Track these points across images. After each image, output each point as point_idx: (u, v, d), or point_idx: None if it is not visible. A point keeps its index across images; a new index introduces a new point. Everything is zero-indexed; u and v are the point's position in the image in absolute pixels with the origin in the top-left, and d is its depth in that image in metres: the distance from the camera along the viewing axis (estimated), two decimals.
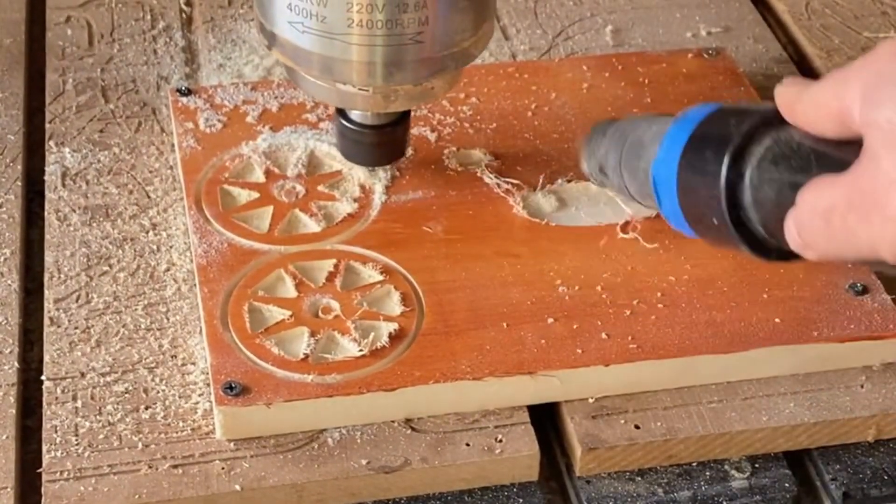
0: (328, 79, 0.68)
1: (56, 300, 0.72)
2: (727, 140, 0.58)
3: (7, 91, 0.87)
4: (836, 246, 0.53)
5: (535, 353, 0.68)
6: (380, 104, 0.69)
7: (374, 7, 0.64)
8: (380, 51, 0.65)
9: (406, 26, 0.64)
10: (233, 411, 0.64)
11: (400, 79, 0.67)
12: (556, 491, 0.68)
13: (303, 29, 0.65)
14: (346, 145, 0.74)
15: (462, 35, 0.67)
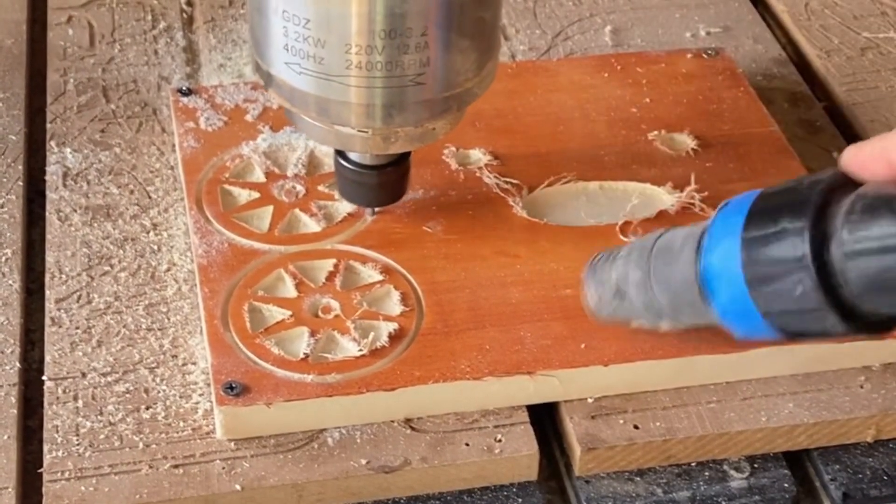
0: (326, 120, 0.66)
1: (57, 300, 0.72)
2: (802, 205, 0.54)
3: (8, 91, 0.87)
4: None
5: (534, 353, 0.68)
6: (379, 146, 0.67)
7: (374, 49, 0.61)
8: (379, 93, 0.63)
9: (406, 68, 0.62)
10: (233, 411, 0.64)
11: (400, 121, 0.65)
12: (556, 491, 0.68)
13: (300, 70, 0.63)
14: (344, 185, 0.72)
15: (465, 76, 0.65)
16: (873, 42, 0.95)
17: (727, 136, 0.81)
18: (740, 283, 0.57)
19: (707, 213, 0.75)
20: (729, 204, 0.59)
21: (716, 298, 0.59)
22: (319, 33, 0.61)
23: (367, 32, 0.61)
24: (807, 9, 0.99)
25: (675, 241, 0.62)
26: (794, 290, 0.54)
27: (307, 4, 0.61)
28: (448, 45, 0.63)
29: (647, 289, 0.63)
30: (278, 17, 0.62)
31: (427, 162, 0.78)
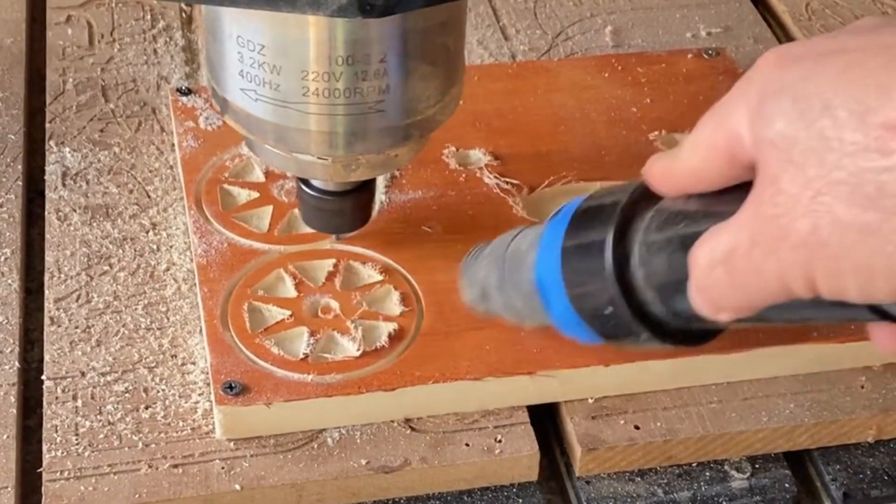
0: (285, 148, 0.63)
1: (56, 300, 0.72)
2: (606, 221, 0.55)
3: (7, 91, 0.87)
4: (744, 294, 0.47)
5: (534, 353, 0.67)
6: (340, 174, 0.65)
7: (331, 75, 0.59)
8: (338, 120, 0.61)
9: (366, 95, 0.60)
10: (233, 411, 0.64)
11: (361, 148, 0.62)
12: (556, 491, 0.68)
13: (255, 97, 0.61)
14: (307, 212, 0.70)
15: (427, 103, 0.62)
16: None
17: None
18: (565, 297, 0.58)
19: None
20: (560, 211, 0.60)
21: (551, 309, 0.60)
22: (275, 59, 0.59)
23: (323, 59, 0.59)
24: (807, 9, 0.99)
25: (522, 245, 0.62)
26: (606, 306, 0.55)
27: (262, 30, 0.59)
28: (408, 71, 0.60)
29: (505, 292, 0.63)
30: (233, 42, 0.60)
31: (427, 162, 0.78)
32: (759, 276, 0.46)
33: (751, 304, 0.48)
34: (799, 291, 0.45)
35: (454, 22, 0.62)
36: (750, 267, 0.46)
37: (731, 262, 0.47)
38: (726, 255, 0.47)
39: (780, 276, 0.45)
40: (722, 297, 0.49)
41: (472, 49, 0.92)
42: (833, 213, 0.42)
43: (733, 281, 0.47)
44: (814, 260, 0.44)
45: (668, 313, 0.55)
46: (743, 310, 0.49)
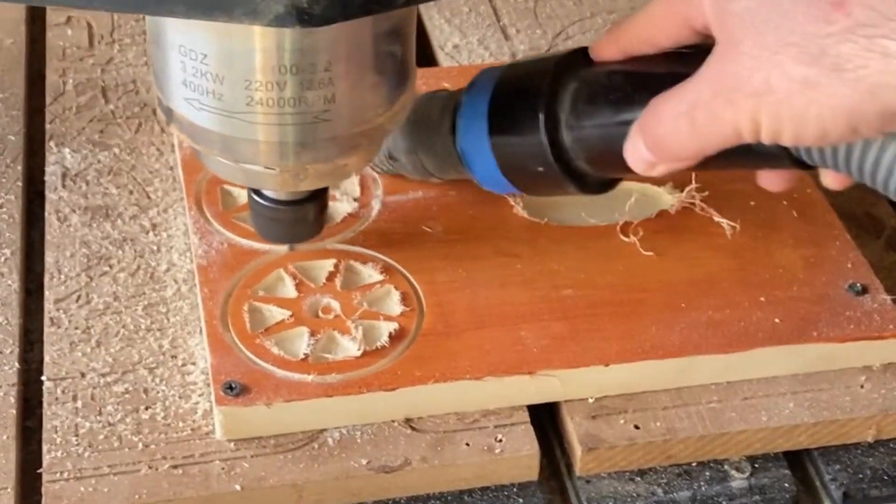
0: (231, 159, 0.62)
1: (56, 300, 0.72)
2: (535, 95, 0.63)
3: (7, 91, 0.87)
4: (700, 142, 0.56)
5: (535, 353, 0.68)
6: (288, 183, 0.63)
7: (275, 84, 0.58)
8: (283, 130, 0.59)
9: (311, 104, 0.58)
10: (233, 411, 0.64)
11: (307, 158, 0.61)
12: (556, 491, 0.68)
13: (199, 106, 0.59)
14: (258, 222, 0.68)
15: (374, 111, 0.61)
16: None
17: None
18: (492, 162, 0.66)
19: (708, 213, 0.75)
20: (475, 82, 0.67)
21: (474, 171, 0.68)
22: (217, 69, 0.58)
23: (266, 68, 0.57)
24: None
25: (433, 113, 0.69)
26: (537, 166, 0.64)
27: (204, 39, 0.58)
28: (354, 81, 0.59)
29: (414, 154, 0.71)
30: (175, 51, 0.59)
31: None
32: (717, 123, 0.55)
33: (702, 152, 0.57)
34: (746, 136, 0.54)
35: (400, 30, 0.61)
36: (710, 116, 0.55)
37: (693, 113, 0.56)
38: (689, 108, 0.56)
39: (733, 122, 0.54)
40: (676, 148, 0.58)
41: (472, 49, 0.93)
42: (783, 68, 0.52)
43: (693, 130, 0.56)
44: (762, 106, 0.53)
45: (590, 167, 0.64)
46: (689, 159, 0.58)
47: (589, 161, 0.64)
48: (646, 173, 0.60)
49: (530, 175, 0.66)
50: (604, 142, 0.62)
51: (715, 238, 0.74)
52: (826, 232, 0.75)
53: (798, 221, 0.76)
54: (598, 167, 0.65)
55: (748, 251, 0.74)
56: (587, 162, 0.64)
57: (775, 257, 0.73)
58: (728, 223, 0.74)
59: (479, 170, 0.68)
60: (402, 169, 0.74)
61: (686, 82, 0.56)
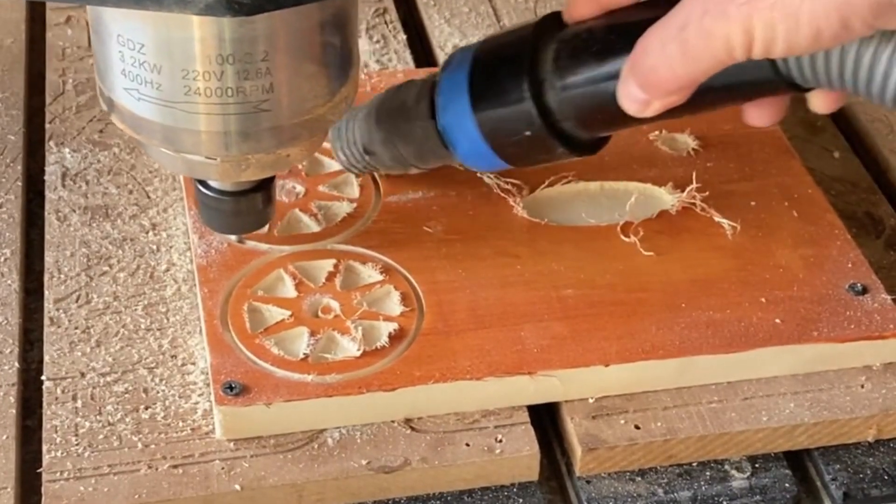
0: (172, 149, 0.62)
1: (56, 300, 0.72)
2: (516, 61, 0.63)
3: (7, 91, 0.87)
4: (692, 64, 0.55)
5: (535, 353, 0.68)
6: (230, 174, 0.63)
7: (212, 74, 0.57)
8: (223, 119, 0.59)
9: (249, 94, 0.58)
10: (233, 411, 0.64)
11: (247, 148, 0.61)
12: (556, 491, 0.68)
13: (139, 96, 0.59)
14: (206, 213, 0.68)
15: (314, 102, 0.61)
16: None
17: (728, 135, 0.81)
18: (476, 135, 0.66)
19: (709, 213, 0.75)
20: (450, 61, 0.67)
21: (457, 148, 0.67)
22: (155, 58, 0.58)
23: (203, 58, 0.57)
24: None
25: (409, 99, 0.69)
26: (524, 131, 0.64)
27: (141, 28, 0.57)
28: (292, 71, 0.59)
29: (392, 145, 0.71)
30: (114, 41, 0.58)
31: None
32: (708, 41, 0.54)
33: (694, 77, 0.56)
34: (738, 51, 0.54)
35: (340, 21, 0.61)
36: (702, 34, 0.54)
37: (683, 35, 0.55)
38: (679, 30, 0.55)
39: (725, 37, 0.53)
40: (669, 77, 0.57)
41: None
42: None
43: (684, 53, 0.55)
44: (755, 12, 0.52)
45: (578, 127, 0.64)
46: (682, 89, 0.57)
47: (577, 118, 0.64)
48: (640, 114, 0.59)
49: (517, 142, 0.65)
50: (591, 95, 0.62)
51: (715, 238, 0.74)
52: (826, 232, 0.75)
53: (798, 221, 0.76)
54: (586, 124, 0.64)
55: (748, 251, 0.74)
56: (576, 120, 0.64)
57: (775, 257, 0.73)
58: (728, 223, 0.74)
59: (462, 145, 0.67)
60: (379, 164, 0.73)
61: (673, 10, 0.56)
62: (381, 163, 0.73)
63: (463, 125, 0.66)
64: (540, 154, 0.66)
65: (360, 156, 0.73)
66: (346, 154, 0.73)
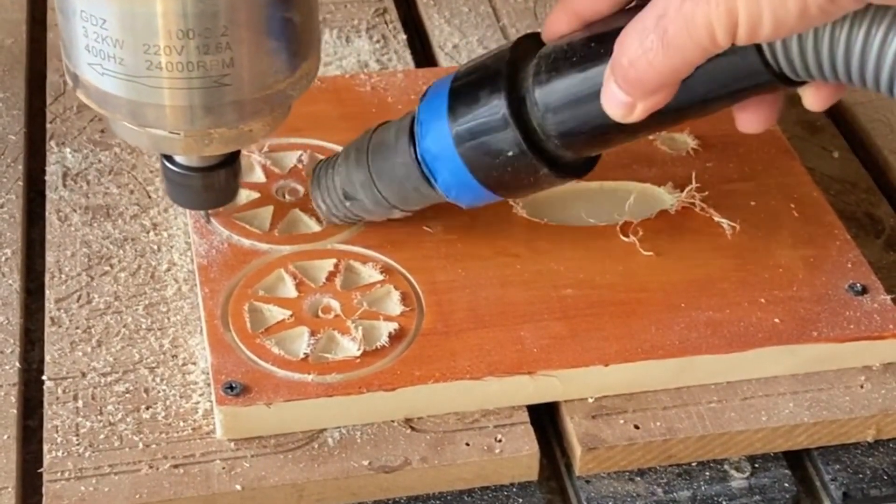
0: (136, 123, 0.63)
1: (57, 300, 0.72)
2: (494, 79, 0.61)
3: (8, 91, 0.87)
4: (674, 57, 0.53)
5: (534, 353, 0.68)
6: (193, 148, 0.64)
7: (173, 49, 0.59)
8: (185, 94, 0.60)
9: (209, 69, 0.59)
10: (233, 411, 0.64)
11: (209, 123, 0.62)
12: (556, 491, 0.68)
13: (102, 71, 0.60)
14: (171, 189, 0.69)
15: (275, 77, 0.62)
16: None
17: (728, 135, 0.81)
18: (457, 160, 0.64)
19: (708, 213, 0.75)
20: (428, 91, 0.66)
21: (438, 178, 0.65)
22: (116, 33, 0.59)
23: (163, 32, 0.58)
24: None
25: (388, 137, 0.68)
26: (506, 152, 0.62)
27: (103, 4, 0.58)
28: (252, 46, 0.60)
29: (373, 187, 0.69)
30: (77, 16, 0.60)
31: None
32: (689, 29, 0.51)
33: (676, 71, 0.53)
34: (721, 37, 0.51)
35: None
36: (681, 23, 0.51)
37: (662, 25, 0.52)
38: (657, 19, 0.52)
39: (707, 23, 0.51)
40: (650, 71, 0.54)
41: (472, 49, 0.93)
42: None
43: (665, 44, 0.52)
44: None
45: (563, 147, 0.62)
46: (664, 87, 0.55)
47: (561, 135, 0.61)
48: (625, 119, 0.57)
49: (499, 165, 0.63)
50: (573, 109, 0.60)
51: (715, 238, 0.74)
52: (826, 232, 0.75)
53: (798, 221, 0.76)
54: (570, 142, 0.62)
55: (748, 251, 0.74)
56: (559, 138, 0.62)
57: (775, 257, 0.73)
58: (728, 223, 0.75)
59: (443, 175, 0.65)
60: (360, 209, 0.71)
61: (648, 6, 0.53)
62: (363, 208, 0.71)
63: (443, 151, 0.64)
64: (523, 178, 0.64)
65: (341, 202, 0.71)
66: (326, 203, 0.72)
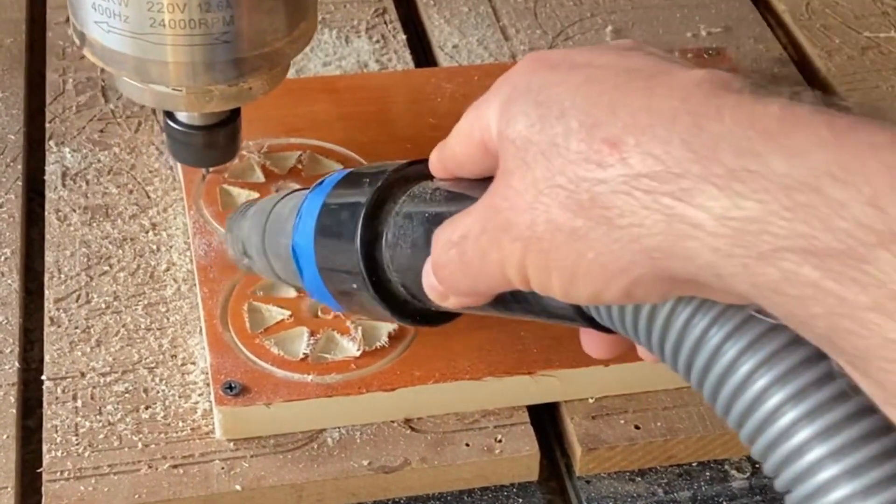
0: (140, 79, 0.66)
1: (56, 300, 0.72)
2: (361, 200, 0.55)
3: (7, 91, 0.87)
4: (471, 279, 0.49)
5: (534, 353, 0.67)
6: (195, 105, 0.67)
7: (176, 6, 0.62)
8: (186, 51, 0.63)
9: (211, 26, 0.63)
10: (232, 411, 0.64)
11: (210, 79, 0.65)
12: (556, 491, 0.68)
13: (108, 29, 0.64)
14: (174, 146, 0.72)
15: (273, 35, 0.65)
16: (874, 42, 0.95)
17: None
18: (315, 269, 0.59)
19: None
20: (322, 182, 0.60)
21: (303, 277, 0.60)
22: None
23: None
24: (807, 8, 0.99)
25: (284, 211, 0.62)
26: (352, 284, 0.56)
27: None
28: (251, 4, 0.63)
29: (265, 255, 0.64)
30: None
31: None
32: (484, 263, 0.48)
33: (476, 289, 0.50)
34: (515, 282, 0.47)
35: None
36: (477, 253, 0.48)
37: (462, 246, 0.49)
38: (460, 239, 0.49)
39: (500, 265, 0.47)
40: (453, 280, 0.51)
41: (472, 49, 0.93)
42: (549, 213, 0.44)
43: (463, 263, 0.49)
44: (528, 254, 0.45)
45: (408, 293, 0.55)
46: (470, 295, 0.51)
47: (404, 286, 0.55)
48: (441, 303, 0.53)
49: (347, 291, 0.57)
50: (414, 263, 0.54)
51: None
52: None
53: None
54: (410, 291, 0.55)
55: None
56: (403, 286, 0.55)
57: None
58: None
59: (306, 277, 0.60)
60: (255, 269, 0.66)
61: (465, 210, 0.49)
62: (259, 269, 0.66)
63: (306, 251, 0.59)
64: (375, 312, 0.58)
65: (241, 255, 0.67)
66: (232, 248, 0.67)
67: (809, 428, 0.40)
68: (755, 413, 0.42)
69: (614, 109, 0.43)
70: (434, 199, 0.54)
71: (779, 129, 0.39)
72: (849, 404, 0.40)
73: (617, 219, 0.42)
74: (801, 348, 0.42)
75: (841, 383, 0.40)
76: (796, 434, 0.41)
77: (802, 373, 0.41)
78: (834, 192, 0.37)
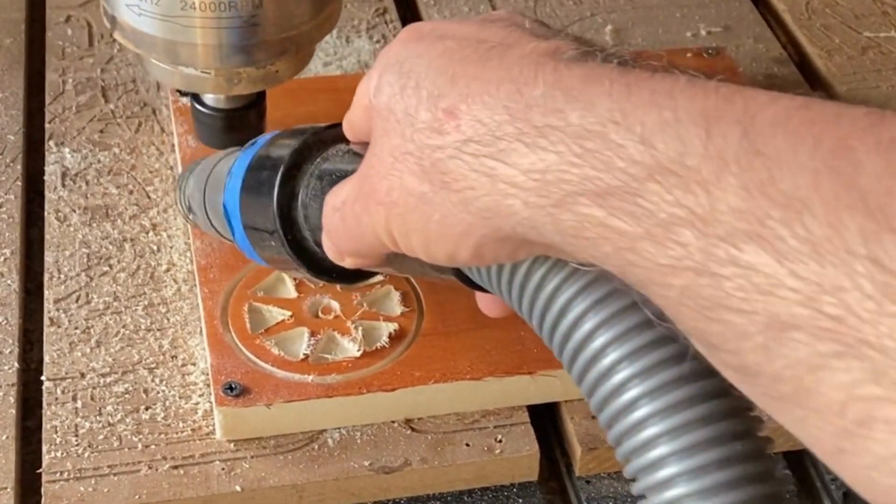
0: (169, 61, 0.68)
1: (56, 300, 0.72)
2: (280, 161, 0.57)
3: (7, 91, 0.87)
4: (353, 241, 0.52)
5: (535, 353, 0.67)
6: (223, 87, 0.69)
7: None
8: (216, 33, 0.65)
9: (240, 9, 0.65)
10: (233, 412, 0.64)
11: (238, 61, 0.67)
12: (556, 491, 0.68)
13: (139, 11, 0.66)
14: (201, 129, 0.74)
15: (301, 18, 0.67)
16: (874, 41, 0.95)
17: None
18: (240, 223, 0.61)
19: None
20: (254, 142, 0.62)
21: (234, 234, 0.62)
22: None
23: None
24: (807, 8, 0.98)
25: (222, 170, 0.64)
26: (272, 242, 0.58)
27: None
28: None
29: (205, 212, 0.66)
30: None
31: None
32: (360, 227, 0.50)
33: (360, 251, 0.52)
34: (388, 244, 0.50)
35: None
36: (353, 217, 0.51)
37: (343, 211, 0.52)
38: (341, 204, 0.52)
39: (371, 229, 0.50)
40: (340, 242, 0.53)
41: None
42: (402, 179, 0.47)
43: (345, 228, 0.52)
44: (390, 217, 0.48)
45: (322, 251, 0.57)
46: (358, 256, 0.53)
47: (317, 244, 0.57)
48: (339, 262, 0.55)
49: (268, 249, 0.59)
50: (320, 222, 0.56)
51: None
52: None
53: None
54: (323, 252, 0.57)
55: None
56: (317, 244, 0.57)
57: None
58: None
59: (237, 234, 0.62)
60: (200, 225, 0.68)
61: (348, 178, 0.52)
62: (202, 226, 0.68)
63: (234, 209, 0.61)
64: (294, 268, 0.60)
65: (187, 211, 0.69)
66: (180, 204, 0.70)
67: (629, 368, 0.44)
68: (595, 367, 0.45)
69: (455, 80, 0.45)
70: (342, 161, 0.57)
71: (580, 87, 0.42)
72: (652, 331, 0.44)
73: (453, 183, 0.45)
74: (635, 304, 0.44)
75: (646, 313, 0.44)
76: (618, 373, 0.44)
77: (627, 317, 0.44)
78: (615, 136, 0.40)
